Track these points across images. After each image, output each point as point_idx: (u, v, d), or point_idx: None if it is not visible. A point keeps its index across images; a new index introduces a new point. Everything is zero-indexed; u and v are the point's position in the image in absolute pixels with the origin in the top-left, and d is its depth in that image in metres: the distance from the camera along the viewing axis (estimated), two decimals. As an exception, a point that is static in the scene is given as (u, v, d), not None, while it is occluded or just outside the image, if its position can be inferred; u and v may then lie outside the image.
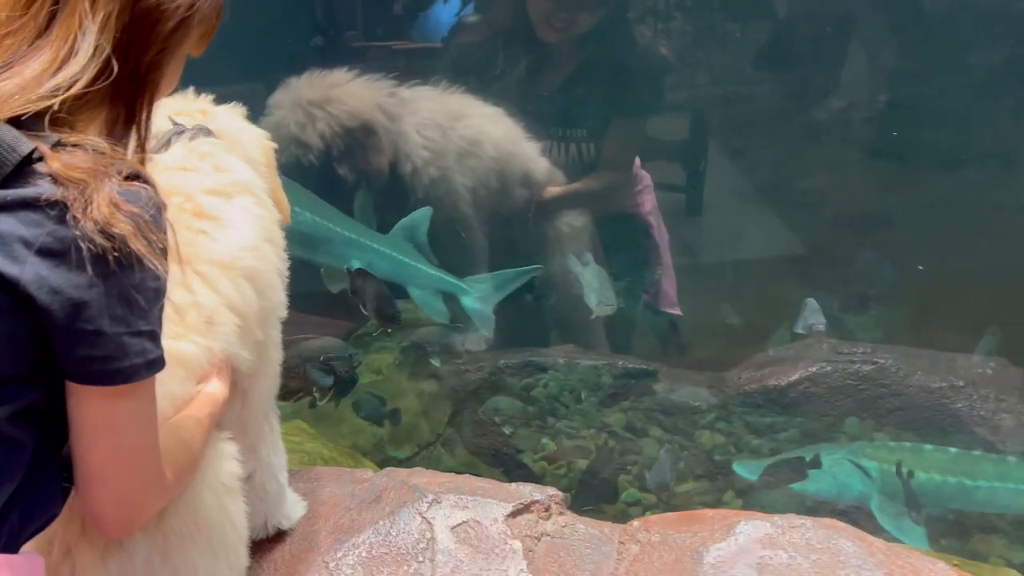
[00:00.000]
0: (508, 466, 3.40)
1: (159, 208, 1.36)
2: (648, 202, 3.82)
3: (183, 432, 1.61)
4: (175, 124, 1.97)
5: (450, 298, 3.66)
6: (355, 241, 3.45)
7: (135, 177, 1.35)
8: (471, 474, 3.23)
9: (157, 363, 1.38)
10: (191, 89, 2.10)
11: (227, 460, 1.78)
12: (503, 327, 3.64)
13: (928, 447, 2.95)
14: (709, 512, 2.11)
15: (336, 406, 3.41)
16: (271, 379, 1.99)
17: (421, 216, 3.49)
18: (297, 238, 3.11)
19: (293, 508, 2.13)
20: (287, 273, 2.00)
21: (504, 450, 3.40)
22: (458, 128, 3.56)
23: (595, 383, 3.41)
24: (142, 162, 1.41)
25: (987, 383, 3.04)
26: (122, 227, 1.29)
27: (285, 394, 2.99)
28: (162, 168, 1.85)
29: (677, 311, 3.69)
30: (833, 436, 3.10)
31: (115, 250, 1.28)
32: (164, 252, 1.35)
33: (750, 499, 3.07)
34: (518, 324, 3.70)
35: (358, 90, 3.47)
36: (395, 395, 3.54)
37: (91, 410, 1.36)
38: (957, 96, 4.16)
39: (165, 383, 1.62)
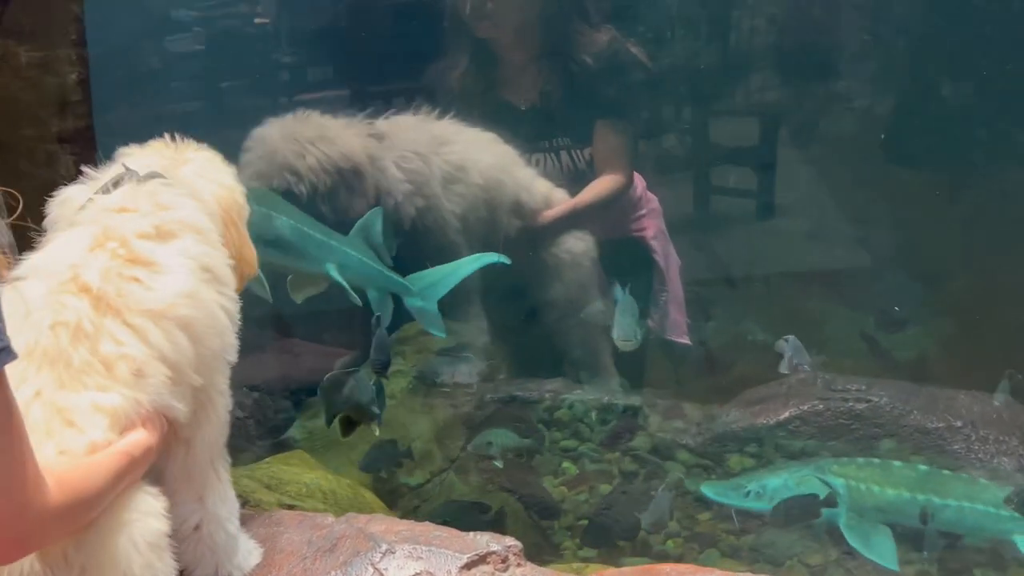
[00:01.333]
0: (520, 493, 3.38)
1: None
2: (652, 226, 3.74)
3: (88, 462, 1.61)
4: (127, 169, 1.98)
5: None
6: (326, 243, 3.34)
7: None
8: (480, 503, 3.34)
9: (2, 354, 1.34)
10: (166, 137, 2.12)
11: (153, 517, 1.76)
12: (510, 353, 3.61)
13: (897, 464, 2.88)
14: (667, 567, 2.05)
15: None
16: (216, 426, 1.97)
17: (373, 216, 3.38)
18: (272, 243, 3.12)
19: (246, 558, 2.10)
20: (238, 314, 1.99)
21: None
22: (442, 154, 3.52)
23: (581, 419, 3.36)
24: None
25: (988, 424, 2.90)
26: None
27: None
28: (102, 210, 1.87)
29: (685, 340, 3.60)
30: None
31: None
32: None
33: (758, 536, 2.99)
34: (522, 351, 3.65)
35: (342, 131, 3.45)
36: (408, 421, 3.54)
37: None
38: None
39: (86, 431, 1.66)
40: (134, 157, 2.07)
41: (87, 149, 2.56)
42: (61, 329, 1.71)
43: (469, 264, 3.41)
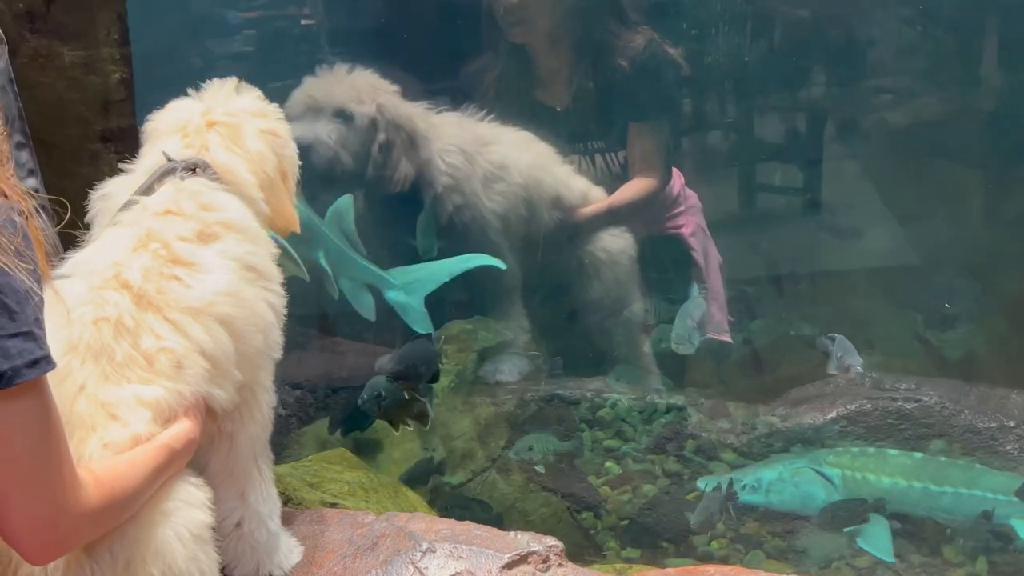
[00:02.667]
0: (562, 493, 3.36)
1: (13, 211, 1.36)
2: (691, 223, 3.70)
3: (127, 459, 1.62)
4: (168, 160, 1.97)
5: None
6: (313, 226, 3.29)
7: None
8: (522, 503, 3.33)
9: (41, 363, 1.37)
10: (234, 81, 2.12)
11: (197, 508, 1.77)
12: (551, 352, 3.58)
13: (892, 452, 2.86)
14: (711, 568, 2.01)
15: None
16: (260, 423, 1.97)
17: (345, 204, 3.34)
18: None
19: (287, 556, 2.10)
20: (283, 309, 1.98)
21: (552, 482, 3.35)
22: (484, 153, 3.50)
23: (624, 418, 3.33)
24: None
25: (1044, 423, 2.83)
26: None
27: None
28: (145, 212, 1.88)
29: (727, 338, 3.55)
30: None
31: None
32: (19, 254, 1.34)
33: (804, 538, 2.94)
34: (562, 350, 3.62)
35: (398, 97, 3.45)
36: (450, 419, 3.53)
37: None
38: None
39: (130, 424, 1.68)
40: (174, 112, 2.08)
41: (130, 148, 2.57)
42: (103, 324, 1.72)
43: (460, 263, 3.38)
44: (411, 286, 3.34)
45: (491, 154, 3.51)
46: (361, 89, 3.39)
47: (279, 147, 2.11)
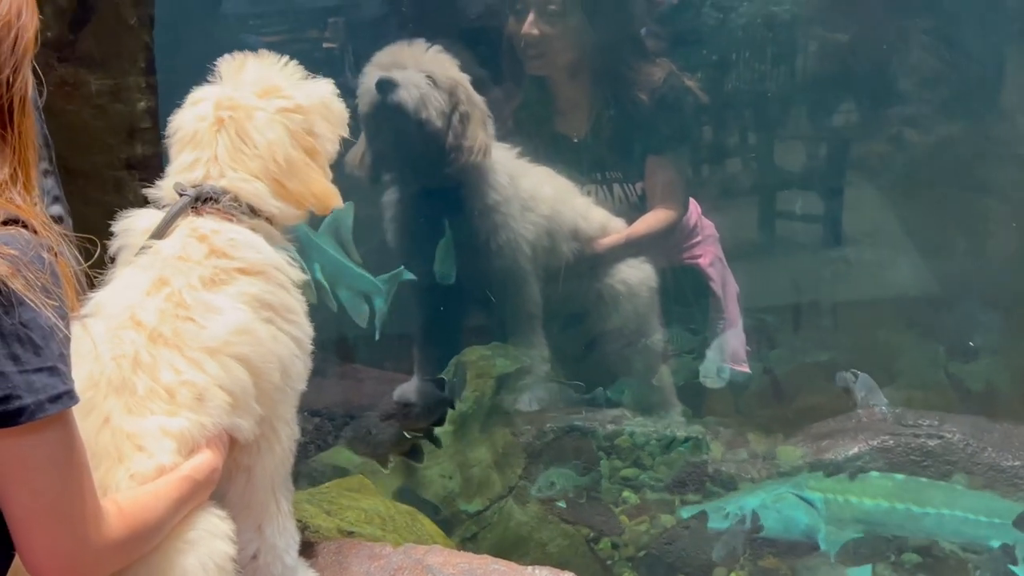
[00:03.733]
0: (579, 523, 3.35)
1: (42, 248, 1.37)
2: (709, 253, 3.69)
3: (151, 490, 1.63)
4: (180, 195, 1.94)
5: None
6: (307, 238, 3.27)
7: (14, 221, 1.37)
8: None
9: (64, 398, 1.38)
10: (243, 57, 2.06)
11: (221, 539, 1.77)
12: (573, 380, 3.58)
13: (874, 474, 2.86)
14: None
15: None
16: (279, 457, 1.96)
17: (345, 212, 3.33)
18: None
19: (303, 590, 2.11)
20: (308, 340, 1.97)
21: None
22: (520, 182, 3.50)
23: (642, 447, 3.32)
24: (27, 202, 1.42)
25: (1069, 463, 2.80)
26: (0, 268, 1.31)
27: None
28: (160, 258, 1.87)
29: (745, 368, 3.54)
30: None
31: None
32: (46, 291, 1.35)
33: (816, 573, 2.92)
34: (582, 379, 3.61)
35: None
36: (466, 446, 3.52)
37: (3, 455, 1.36)
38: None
39: (155, 455, 1.69)
40: (189, 111, 2.03)
41: (155, 176, 2.59)
42: (122, 360, 1.74)
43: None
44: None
45: (525, 183, 3.51)
46: (444, 60, 3.37)
47: (302, 123, 2.02)
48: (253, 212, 1.95)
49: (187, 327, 1.78)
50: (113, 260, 1.93)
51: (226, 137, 1.96)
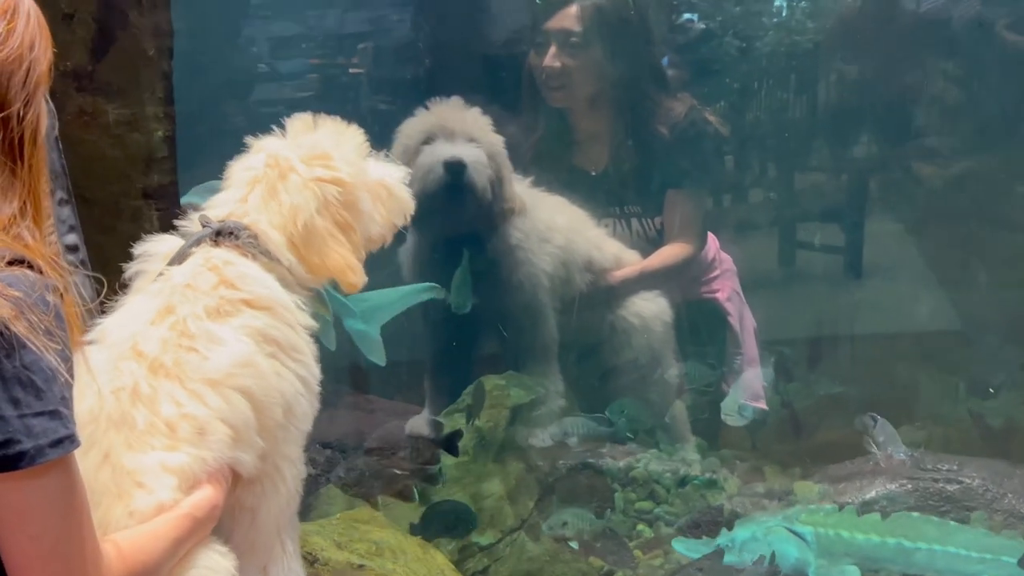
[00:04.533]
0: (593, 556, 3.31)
1: (47, 289, 1.36)
2: (726, 287, 3.68)
3: (150, 529, 1.62)
4: (203, 225, 1.96)
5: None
6: None
7: (20, 261, 1.35)
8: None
9: (65, 442, 1.36)
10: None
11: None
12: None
13: None
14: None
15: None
16: (284, 497, 1.93)
17: None
18: None
19: (309, 630, 2.09)
20: (316, 385, 1.95)
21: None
22: (536, 214, 3.49)
23: (657, 480, 3.29)
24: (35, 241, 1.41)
25: (1092, 509, 2.76)
26: (2, 310, 1.29)
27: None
28: (170, 285, 1.87)
29: (762, 404, 3.51)
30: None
31: None
32: (49, 333, 1.34)
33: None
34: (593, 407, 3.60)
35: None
36: (479, 477, 3.50)
37: (3, 499, 1.35)
38: None
39: (155, 491, 1.67)
40: (247, 159, 2.06)
41: (171, 204, 2.59)
42: (121, 393, 1.72)
43: (415, 294, 3.37)
44: (369, 314, 3.28)
45: (541, 214, 3.50)
46: (482, 122, 3.40)
47: (338, 195, 2.02)
48: (270, 256, 1.95)
49: (189, 357, 1.77)
50: (128, 285, 1.93)
51: (261, 188, 2.00)
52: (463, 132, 3.36)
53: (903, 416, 3.71)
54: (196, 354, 1.78)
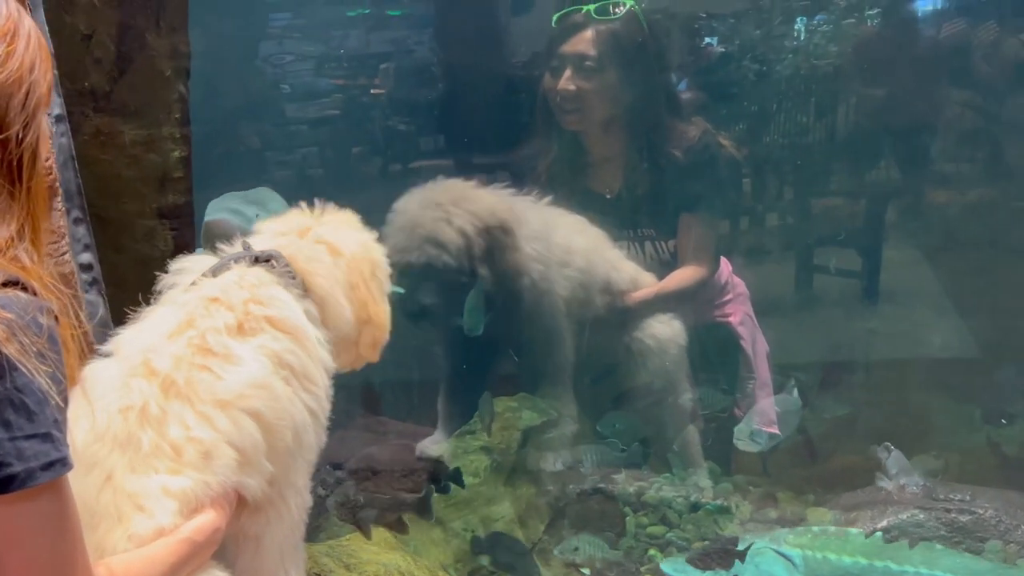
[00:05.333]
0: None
1: (40, 311, 1.36)
2: (739, 311, 3.66)
3: (147, 554, 1.60)
4: (243, 249, 2.00)
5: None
6: None
7: (14, 283, 1.35)
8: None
9: (57, 465, 1.36)
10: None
11: None
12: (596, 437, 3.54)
13: (853, 531, 2.85)
14: None
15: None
16: (289, 526, 1.92)
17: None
18: None
19: (314, 659, 2.08)
20: (325, 414, 1.95)
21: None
22: (554, 238, 3.47)
23: (669, 505, 3.28)
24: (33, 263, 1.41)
25: (1109, 543, 2.72)
26: None
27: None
28: (197, 296, 1.89)
29: (775, 429, 3.48)
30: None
31: None
32: (41, 356, 1.34)
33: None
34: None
35: (482, 192, 3.43)
36: (490, 500, 3.49)
37: None
38: None
39: (155, 516, 1.66)
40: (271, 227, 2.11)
41: (185, 225, 2.61)
42: (129, 413, 1.72)
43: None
44: None
45: (559, 238, 3.49)
46: (446, 204, 3.36)
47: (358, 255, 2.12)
48: (302, 289, 1.98)
49: (202, 376, 1.76)
50: (152, 300, 1.94)
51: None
52: (413, 240, 3.33)
53: (918, 444, 3.68)
54: (209, 373, 1.77)
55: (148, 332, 1.84)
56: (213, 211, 3.13)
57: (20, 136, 1.40)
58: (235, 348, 1.82)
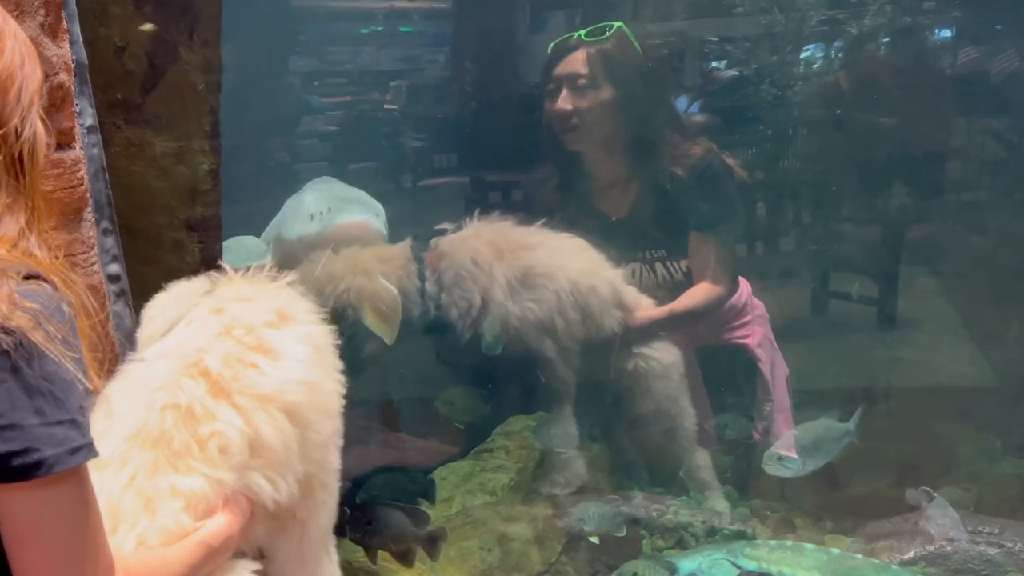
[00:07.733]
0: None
1: (62, 302, 1.38)
2: (758, 333, 3.64)
3: (161, 556, 1.60)
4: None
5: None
6: None
7: (35, 277, 1.37)
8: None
9: (82, 451, 1.36)
10: None
11: None
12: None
13: (809, 547, 2.87)
14: None
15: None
16: (329, 508, 1.95)
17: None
18: None
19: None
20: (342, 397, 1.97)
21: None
22: (527, 258, 3.45)
23: (686, 528, 3.27)
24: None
25: None
26: (20, 321, 1.30)
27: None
28: (222, 301, 1.89)
29: (792, 453, 3.46)
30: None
31: (17, 344, 1.30)
32: (66, 343, 1.35)
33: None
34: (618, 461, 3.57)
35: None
36: (508, 519, 3.47)
37: (18, 512, 1.34)
38: None
39: (158, 516, 1.64)
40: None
41: (213, 237, 2.61)
42: (170, 411, 1.70)
43: None
44: None
45: (534, 259, 3.45)
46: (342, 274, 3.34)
47: None
48: None
49: (248, 373, 1.75)
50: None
51: None
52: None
53: (938, 473, 3.66)
54: (255, 369, 1.77)
55: (195, 334, 1.83)
56: (342, 211, 3.19)
57: (18, 130, 1.43)
58: (279, 341, 1.82)
